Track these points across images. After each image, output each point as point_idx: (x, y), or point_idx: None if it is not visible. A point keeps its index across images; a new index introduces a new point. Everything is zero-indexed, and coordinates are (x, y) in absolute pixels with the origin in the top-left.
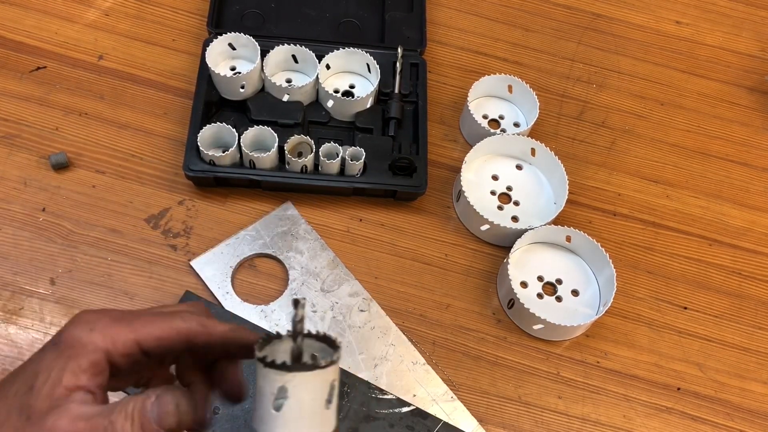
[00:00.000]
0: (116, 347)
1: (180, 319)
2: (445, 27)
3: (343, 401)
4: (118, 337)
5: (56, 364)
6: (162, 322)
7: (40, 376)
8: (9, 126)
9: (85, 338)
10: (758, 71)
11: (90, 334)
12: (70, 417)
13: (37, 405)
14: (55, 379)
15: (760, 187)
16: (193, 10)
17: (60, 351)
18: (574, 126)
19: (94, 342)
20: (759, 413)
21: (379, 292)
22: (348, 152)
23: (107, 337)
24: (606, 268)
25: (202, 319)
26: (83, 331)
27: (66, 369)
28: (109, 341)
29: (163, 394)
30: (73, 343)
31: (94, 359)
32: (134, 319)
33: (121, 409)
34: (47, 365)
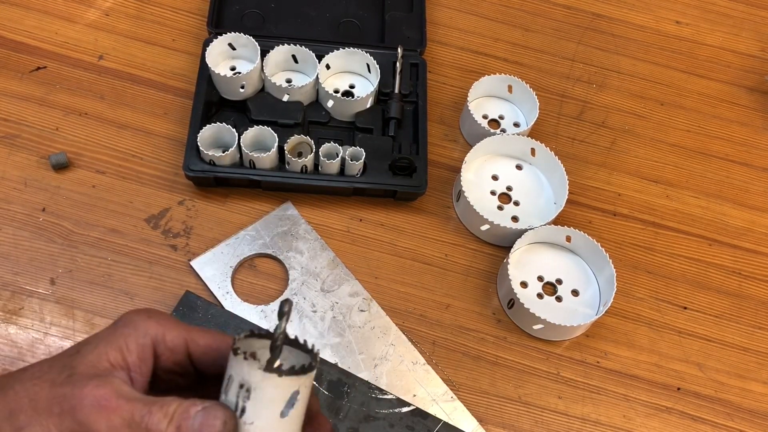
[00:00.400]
0: (165, 339)
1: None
2: (445, 27)
3: (343, 401)
4: (170, 330)
5: (106, 337)
6: (214, 334)
7: (90, 344)
8: (9, 126)
9: (140, 322)
10: (758, 71)
11: (146, 320)
12: (110, 389)
13: (80, 367)
14: (101, 350)
15: (760, 187)
16: (193, 10)
17: (115, 328)
18: (574, 126)
19: (147, 327)
20: (759, 413)
21: (379, 292)
22: (348, 152)
23: (161, 327)
24: (606, 268)
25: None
26: (141, 316)
27: (113, 344)
28: (161, 331)
29: (213, 407)
30: (128, 322)
31: (142, 343)
32: (191, 326)
33: (162, 405)
34: (99, 336)
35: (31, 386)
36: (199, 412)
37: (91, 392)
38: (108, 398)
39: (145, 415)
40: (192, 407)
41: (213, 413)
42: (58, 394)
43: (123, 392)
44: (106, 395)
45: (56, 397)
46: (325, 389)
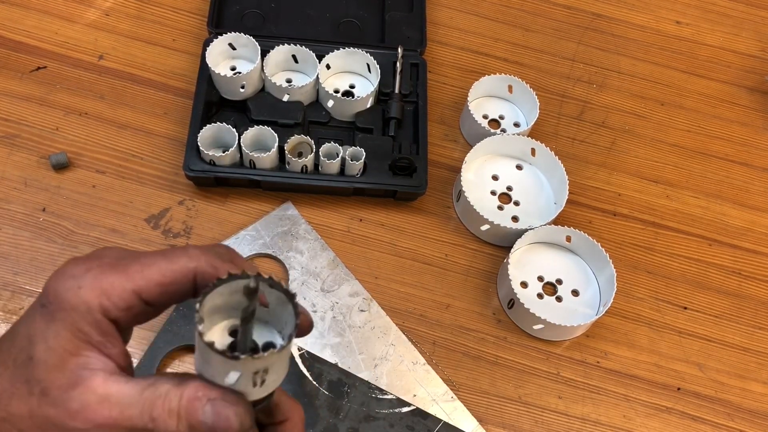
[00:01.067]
0: (113, 303)
1: (186, 258)
2: (445, 27)
3: (343, 401)
4: (112, 290)
5: (51, 330)
6: (163, 262)
7: (37, 345)
8: (9, 126)
9: (74, 299)
10: (758, 71)
11: (78, 292)
12: (98, 399)
13: (48, 378)
14: (55, 346)
15: (761, 187)
16: (193, 10)
17: (51, 314)
18: (574, 126)
19: (86, 301)
20: (759, 413)
21: (379, 292)
22: (348, 152)
23: (99, 292)
24: (606, 268)
25: (214, 259)
26: (70, 289)
27: (63, 334)
28: (103, 297)
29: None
30: (62, 304)
31: (91, 320)
32: (130, 263)
33: (162, 403)
34: (41, 332)
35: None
36: (207, 406)
37: (81, 414)
38: (101, 415)
39: (148, 423)
40: (194, 402)
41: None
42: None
43: (112, 397)
44: (97, 413)
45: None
46: (325, 389)
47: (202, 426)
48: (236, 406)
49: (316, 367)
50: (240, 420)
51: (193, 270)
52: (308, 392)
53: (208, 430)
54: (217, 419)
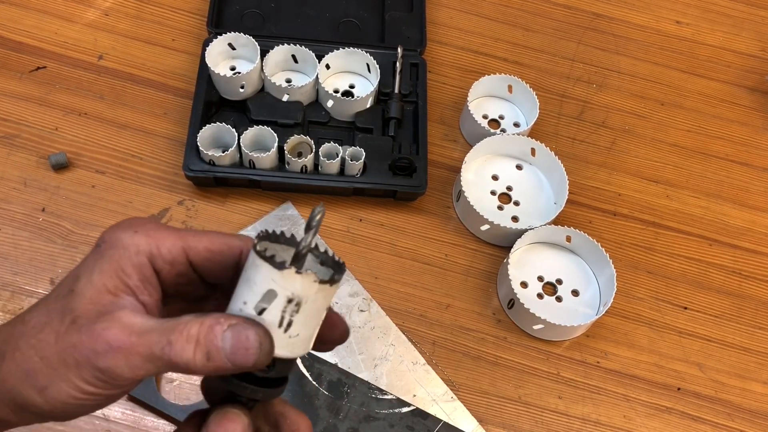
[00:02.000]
0: (161, 252)
1: (237, 238)
2: (445, 27)
3: (343, 401)
4: (163, 241)
5: (97, 266)
6: (214, 235)
7: (81, 279)
8: (9, 126)
9: (127, 239)
10: (758, 71)
11: (133, 236)
12: (120, 326)
13: (81, 308)
14: (96, 282)
15: (761, 187)
16: (193, 10)
17: (101, 253)
18: (574, 126)
19: (137, 244)
20: (759, 413)
21: (379, 292)
22: (348, 152)
23: (152, 240)
24: (606, 268)
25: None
26: (126, 232)
27: (107, 271)
28: (154, 245)
29: (244, 326)
30: (114, 243)
31: (137, 262)
32: (184, 230)
33: (183, 329)
34: (88, 267)
35: (37, 342)
36: (227, 333)
37: (102, 336)
38: (120, 339)
39: (165, 347)
40: (215, 326)
41: (246, 334)
42: (68, 344)
43: (134, 326)
44: (117, 336)
45: (67, 348)
46: (325, 389)
47: (220, 353)
48: (256, 328)
49: (316, 367)
50: (260, 340)
51: (241, 247)
52: (308, 392)
53: (227, 358)
54: (236, 342)
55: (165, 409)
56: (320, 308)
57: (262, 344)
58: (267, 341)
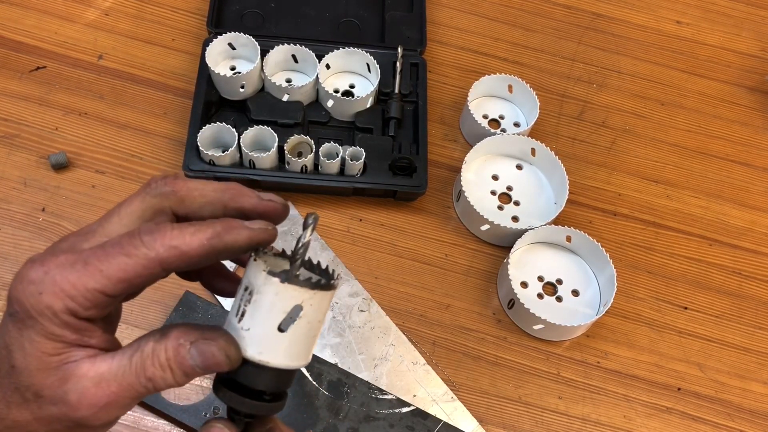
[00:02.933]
0: (77, 302)
1: (144, 248)
2: (445, 27)
3: (343, 401)
4: (74, 291)
5: (25, 337)
6: (121, 256)
7: (15, 354)
8: (9, 126)
9: (37, 305)
10: (759, 71)
11: (40, 299)
12: (93, 382)
13: (37, 382)
14: (33, 352)
15: (761, 187)
16: (193, 9)
17: (21, 322)
18: (575, 126)
19: (50, 307)
20: (759, 413)
21: (379, 292)
22: (348, 152)
23: (61, 295)
24: (606, 268)
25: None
26: (32, 296)
27: (37, 340)
28: (67, 299)
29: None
30: (28, 311)
31: (59, 323)
32: (88, 258)
33: (154, 361)
34: (16, 340)
35: (13, 424)
36: (191, 350)
37: (82, 402)
38: (101, 396)
39: (146, 384)
40: (180, 348)
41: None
42: (51, 419)
43: (105, 375)
44: (96, 395)
45: (52, 421)
46: (325, 389)
47: (194, 370)
48: (217, 341)
49: (315, 367)
50: (224, 352)
51: (156, 260)
52: (308, 392)
53: (202, 371)
54: (204, 359)
55: (165, 409)
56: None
57: (230, 356)
58: (233, 350)
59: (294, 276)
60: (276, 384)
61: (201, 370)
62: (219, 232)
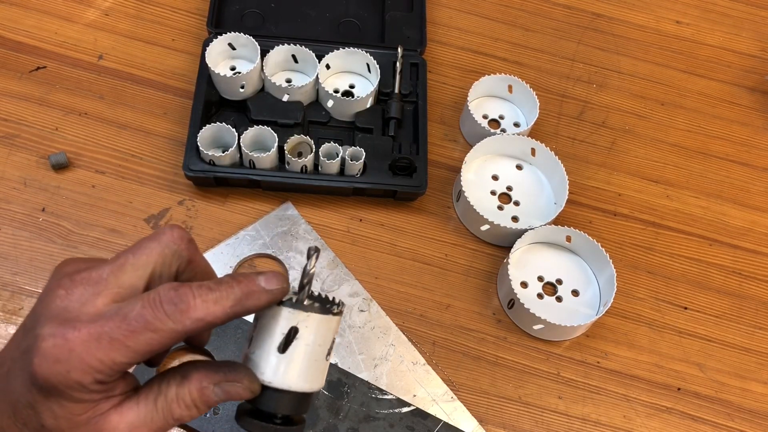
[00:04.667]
0: (104, 375)
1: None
2: (445, 27)
3: (343, 401)
4: (101, 366)
5: (54, 403)
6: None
7: (44, 415)
8: (9, 126)
9: (66, 382)
10: (759, 71)
11: (68, 377)
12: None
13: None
14: (63, 415)
15: (761, 187)
16: (193, 9)
17: (48, 392)
18: (574, 126)
19: (80, 382)
20: (759, 413)
21: (379, 292)
22: (348, 152)
23: (89, 370)
24: (606, 268)
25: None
26: (60, 375)
27: (67, 405)
28: (95, 373)
29: (228, 386)
30: (57, 386)
31: (88, 391)
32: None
33: (178, 404)
34: (43, 404)
35: None
36: (216, 389)
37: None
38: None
39: (173, 423)
40: (206, 390)
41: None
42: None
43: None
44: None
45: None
46: (325, 389)
47: (217, 402)
48: (242, 381)
49: None
50: (250, 390)
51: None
52: None
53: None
54: (229, 396)
55: None
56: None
57: (253, 391)
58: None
59: (287, 300)
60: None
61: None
62: (240, 298)
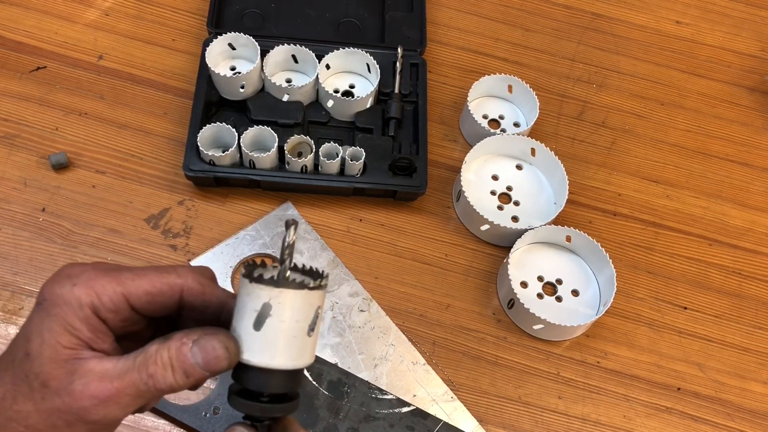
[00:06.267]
0: (102, 302)
1: (175, 274)
2: (445, 27)
3: (343, 401)
4: (103, 290)
5: (45, 326)
6: (154, 275)
7: (33, 340)
8: (9, 126)
9: (67, 294)
10: (758, 71)
11: (72, 290)
12: (98, 377)
13: (46, 371)
14: (50, 341)
15: (761, 187)
16: (193, 10)
17: (46, 311)
18: (574, 126)
19: (78, 298)
20: (759, 413)
21: (379, 292)
22: (348, 152)
23: (91, 291)
24: (606, 268)
25: (201, 278)
26: (65, 287)
27: (56, 330)
28: (94, 296)
29: (206, 338)
30: (56, 301)
31: (82, 316)
32: (123, 272)
33: (157, 359)
34: (36, 327)
35: (15, 414)
36: (194, 349)
37: (85, 393)
38: (103, 389)
39: (147, 381)
40: (182, 347)
41: (210, 345)
42: (52, 410)
43: (109, 371)
44: (99, 388)
45: (52, 414)
46: (325, 389)
47: (195, 368)
48: (218, 335)
49: (316, 367)
50: (224, 345)
51: (181, 285)
52: (308, 392)
53: (202, 370)
54: (204, 354)
55: (165, 409)
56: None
57: (229, 348)
58: (232, 344)
59: (257, 276)
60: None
61: (201, 367)
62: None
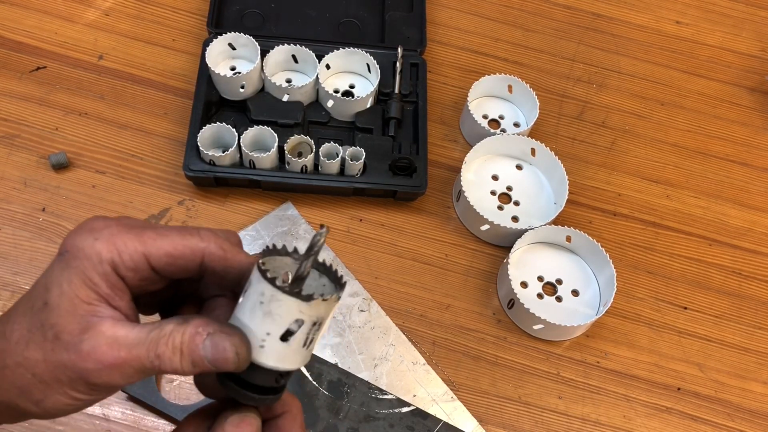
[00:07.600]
0: (122, 260)
1: (198, 237)
2: (445, 27)
3: (343, 401)
4: (125, 248)
5: (65, 277)
6: (176, 237)
7: (52, 290)
8: (9, 126)
9: (88, 248)
10: (759, 71)
11: (94, 244)
12: (107, 342)
13: (61, 323)
14: (68, 293)
15: (761, 187)
16: (193, 10)
17: (66, 262)
18: (574, 126)
19: (99, 253)
20: (759, 413)
21: (379, 292)
22: (348, 152)
23: (113, 247)
24: (606, 268)
25: (224, 243)
26: (87, 240)
27: (75, 282)
28: (115, 252)
29: (221, 336)
30: (77, 253)
31: (102, 271)
32: (146, 230)
33: (168, 341)
34: (56, 277)
35: (24, 360)
36: (207, 343)
37: (91, 356)
38: (110, 356)
39: (153, 360)
40: (196, 337)
41: (222, 344)
42: (59, 363)
43: (120, 340)
44: (106, 353)
45: (58, 367)
46: (325, 389)
47: (203, 360)
48: (232, 337)
49: (316, 367)
50: (235, 350)
51: (203, 249)
52: (308, 392)
53: (209, 363)
54: (215, 351)
55: (165, 409)
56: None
57: (239, 353)
58: (243, 349)
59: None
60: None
61: (209, 362)
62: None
